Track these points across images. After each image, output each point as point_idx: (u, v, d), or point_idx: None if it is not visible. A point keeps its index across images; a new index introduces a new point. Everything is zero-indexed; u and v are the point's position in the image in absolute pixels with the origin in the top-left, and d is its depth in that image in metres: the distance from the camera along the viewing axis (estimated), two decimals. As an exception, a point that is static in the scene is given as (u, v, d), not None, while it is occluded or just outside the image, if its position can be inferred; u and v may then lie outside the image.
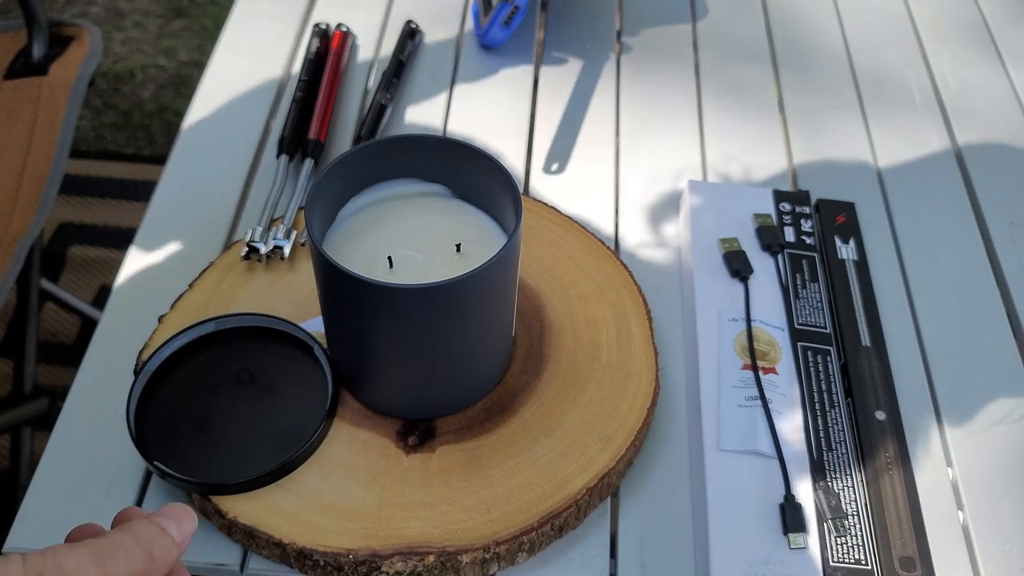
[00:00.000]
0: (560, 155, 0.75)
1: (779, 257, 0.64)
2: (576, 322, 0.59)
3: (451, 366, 0.52)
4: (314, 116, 0.72)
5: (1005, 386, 0.61)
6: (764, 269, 0.63)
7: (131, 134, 1.70)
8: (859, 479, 0.54)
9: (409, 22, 0.83)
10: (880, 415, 0.57)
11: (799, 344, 0.59)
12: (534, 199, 0.67)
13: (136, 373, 0.54)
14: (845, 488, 0.53)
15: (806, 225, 0.67)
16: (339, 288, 0.47)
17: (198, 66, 1.79)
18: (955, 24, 0.90)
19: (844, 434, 0.55)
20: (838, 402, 0.57)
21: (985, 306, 0.66)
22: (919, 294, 0.66)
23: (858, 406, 0.57)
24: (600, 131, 0.77)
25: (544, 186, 0.72)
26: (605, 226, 0.69)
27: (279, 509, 0.49)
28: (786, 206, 0.68)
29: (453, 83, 0.80)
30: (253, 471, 0.50)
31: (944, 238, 0.70)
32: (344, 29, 0.81)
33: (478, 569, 0.49)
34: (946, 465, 0.56)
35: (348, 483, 0.51)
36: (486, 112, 0.77)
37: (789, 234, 0.66)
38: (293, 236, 0.63)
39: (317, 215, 0.49)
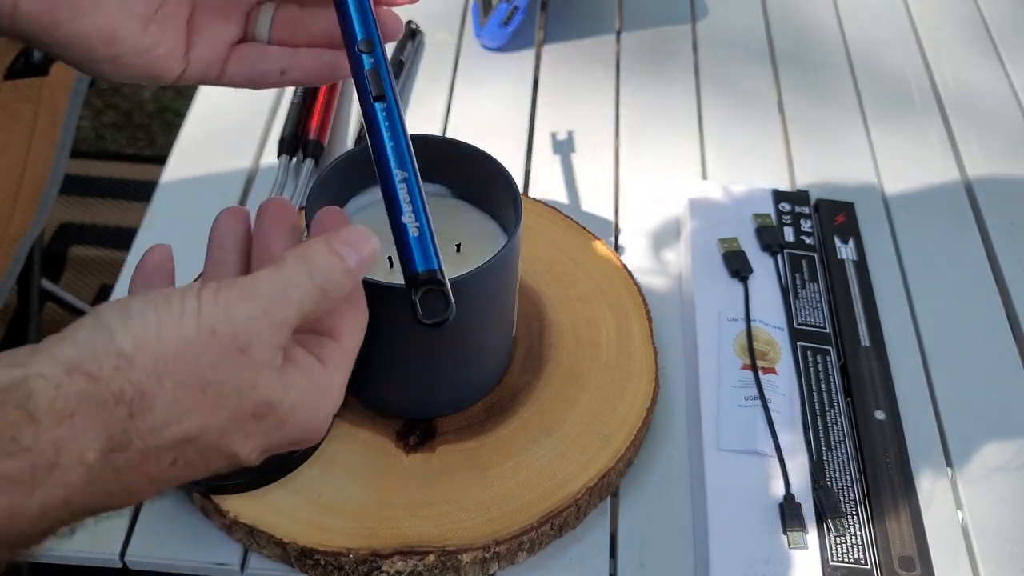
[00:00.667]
0: (560, 155, 0.75)
1: (779, 257, 0.64)
2: (576, 322, 0.59)
3: (451, 366, 0.52)
4: (314, 116, 0.72)
5: (1005, 385, 0.61)
6: (764, 269, 0.63)
7: (131, 134, 1.70)
8: (858, 479, 0.54)
9: (409, 22, 0.83)
10: (879, 415, 0.57)
11: (799, 344, 0.59)
12: (534, 199, 0.67)
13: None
14: (844, 488, 0.53)
15: (805, 225, 0.67)
16: (339, 288, 0.47)
17: (198, 66, 1.78)
18: (955, 24, 0.90)
19: (843, 434, 0.55)
20: (837, 402, 0.57)
21: (985, 306, 0.66)
22: (918, 294, 0.66)
23: (857, 406, 0.57)
24: (600, 131, 0.77)
25: (544, 186, 0.72)
26: (605, 226, 0.69)
27: (280, 508, 0.49)
28: (785, 206, 0.68)
29: (453, 83, 0.80)
30: (253, 470, 0.50)
31: (944, 238, 0.70)
32: (344, 29, 0.81)
33: (478, 568, 0.49)
34: (945, 465, 0.56)
35: (348, 483, 0.51)
36: (486, 112, 0.77)
37: (789, 234, 0.66)
38: (293, 236, 0.63)
39: (317, 215, 0.49)
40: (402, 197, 0.36)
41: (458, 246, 0.52)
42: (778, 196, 0.68)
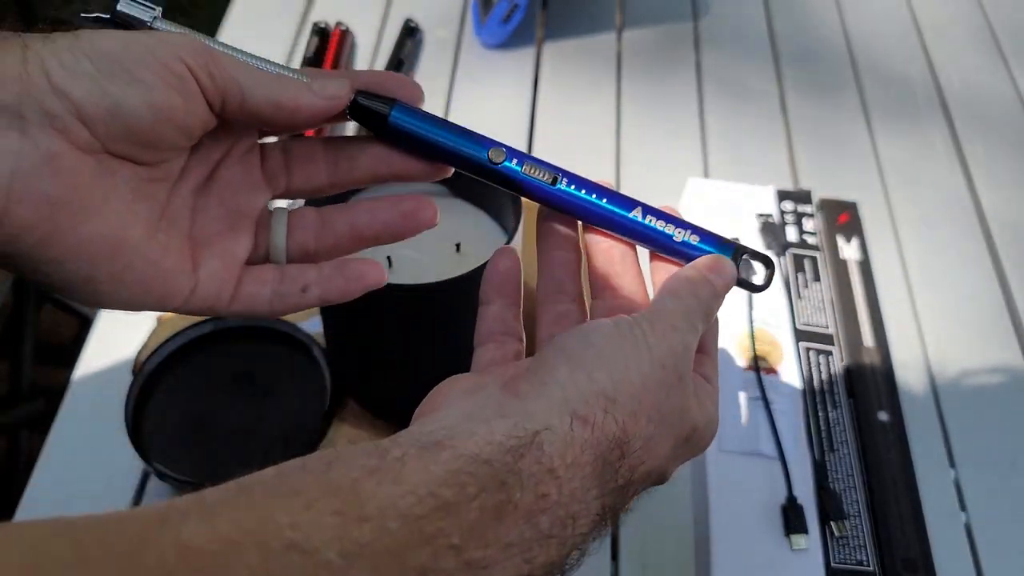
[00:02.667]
0: (560, 155, 0.74)
1: (781, 257, 0.64)
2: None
3: (451, 366, 0.51)
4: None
5: (1008, 386, 0.60)
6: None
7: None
8: (861, 480, 0.53)
9: (408, 21, 0.83)
10: (883, 416, 0.56)
11: (801, 344, 0.59)
12: (534, 198, 0.67)
13: (135, 374, 0.54)
14: (847, 489, 0.53)
15: (808, 224, 0.66)
16: (338, 288, 0.46)
17: (197, 65, 1.78)
18: (958, 24, 0.90)
19: (846, 435, 0.55)
20: (840, 403, 0.57)
21: (988, 306, 0.65)
22: (921, 294, 0.65)
23: (860, 407, 0.57)
24: (601, 130, 0.77)
25: (544, 185, 0.71)
26: (606, 225, 0.69)
27: (278, 510, 0.49)
28: (788, 205, 0.67)
29: (453, 81, 0.80)
30: (252, 471, 0.49)
31: (947, 238, 0.70)
32: (343, 28, 0.81)
33: (478, 571, 0.49)
34: (948, 466, 0.56)
35: (347, 484, 0.50)
36: (486, 110, 0.77)
37: (791, 233, 0.66)
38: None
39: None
40: (658, 227, 0.36)
41: (458, 246, 0.51)
42: (781, 195, 0.68)
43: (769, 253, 0.64)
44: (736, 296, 0.61)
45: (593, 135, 0.76)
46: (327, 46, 0.79)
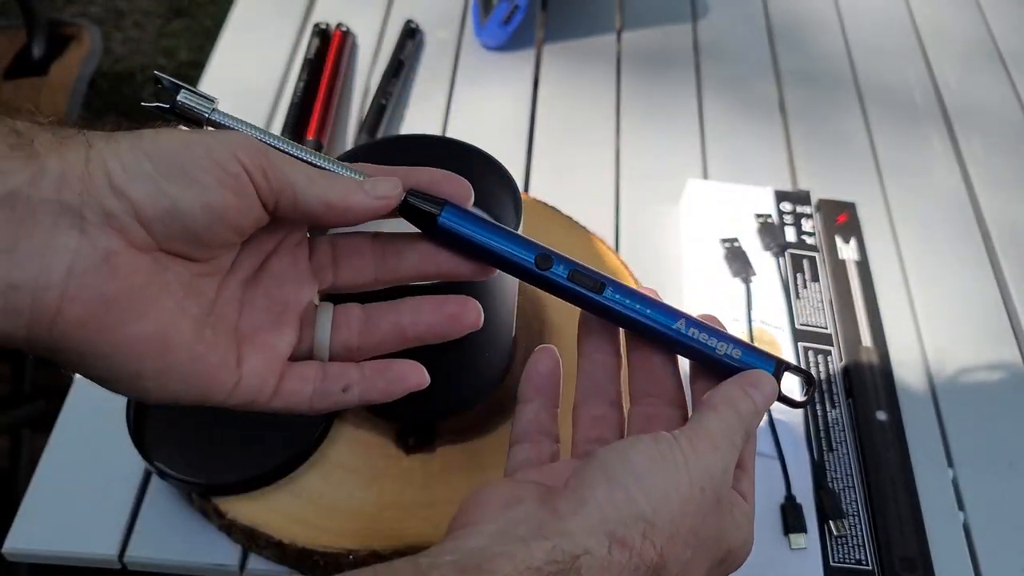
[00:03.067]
0: (560, 156, 0.74)
1: (780, 257, 0.64)
2: (576, 322, 0.58)
3: (451, 367, 0.52)
4: (314, 116, 0.72)
5: (1006, 385, 0.61)
6: (765, 269, 0.63)
7: (131, 134, 1.70)
8: (860, 480, 0.53)
9: (409, 22, 0.83)
10: (881, 415, 0.57)
11: (800, 344, 0.59)
12: (534, 199, 0.67)
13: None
14: (846, 488, 0.53)
15: (807, 225, 0.66)
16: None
17: (198, 66, 1.78)
18: (956, 25, 0.90)
19: (845, 434, 0.55)
20: (839, 402, 0.57)
21: (986, 306, 0.65)
22: (920, 294, 0.65)
23: (859, 406, 0.57)
24: (600, 131, 0.77)
25: (544, 186, 0.72)
26: (605, 226, 0.69)
27: (279, 509, 0.49)
28: (787, 206, 0.68)
29: (453, 83, 0.80)
30: (253, 471, 0.50)
31: (945, 238, 0.70)
32: (344, 29, 0.81)
33: (478, 570, 0.49)
34: (947, 465, 0.56)
35: (348, 483, 0.51)
36: (486, 112, 0.77)
37: (790, 234, 0.66)
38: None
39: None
40: (701, 339, 0.36)
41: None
42: (779, 196, 0.68)
43: (768, 253, 0.64)
44: (735, 296, 0.61)
45: (593, 136, 0.76)
46: (328, 47, 0.79)
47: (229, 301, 0.34)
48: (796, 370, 0.37)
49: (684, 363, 0.37)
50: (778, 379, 0.36)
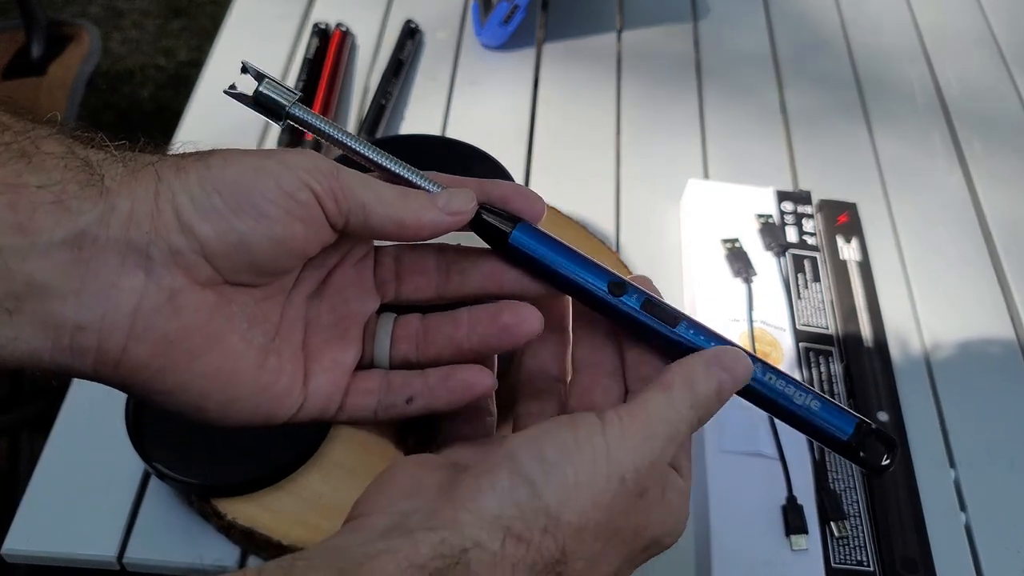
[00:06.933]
0: (560, 156, 0.74)
1: (781, 258, 0.64)
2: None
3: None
4: (314, 116, 0.72)
5: (1007, 386, 0.60)
6: (766, 270, 0.63)
7: (130, 134, 1.69)
8: (861, 480, 0.53)
9: (409, 22, 0.83)
10: (882, 416, 0.57)
11: (801, 345, 0.59)
12: (534, 199, 0.67)
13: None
14: (847, 489, 0.53)
15: (808, 225, 0.66)
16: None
17: (197, 66, 1.78)
18: (957, 24, 0.90)
19: (846, 435, 0.55)
20: (840, 403, 0.57)
21: (987, 306, 0.65)
22: (921, 294, 0.65)
23: (860, 407, 0.57)
24: (600, 131, 0.77)
25: (544, 186, 0.71)
26: (605, 226, 0.69)
27: (278, 510, 0.49)
28: (788, 206, 0.67)
29: (453, 83, 0.80)
30: (252, 472, 0.50)
31: (946, 238, 0.70)
32: (344, 29, 0.81)
33: (478, 571, 0.49)
34: (948, 466, 0.56)
35: (347, 484, 0.50)
36: (486, 112, 0.77)
37: (791, 234, 0.66)
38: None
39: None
40: (777, 387, 0.33)
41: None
42: (780, 196, 0.68)
43: (769, 253, 0.64)
44: (736, 296, 0.61)
45: (593, 136, 0.76)
46: (327, 47, 0.79)
47: (293, 321, 0.34)
48: (878, 435, 0.33)
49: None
50: (858, 444, 0.33)
